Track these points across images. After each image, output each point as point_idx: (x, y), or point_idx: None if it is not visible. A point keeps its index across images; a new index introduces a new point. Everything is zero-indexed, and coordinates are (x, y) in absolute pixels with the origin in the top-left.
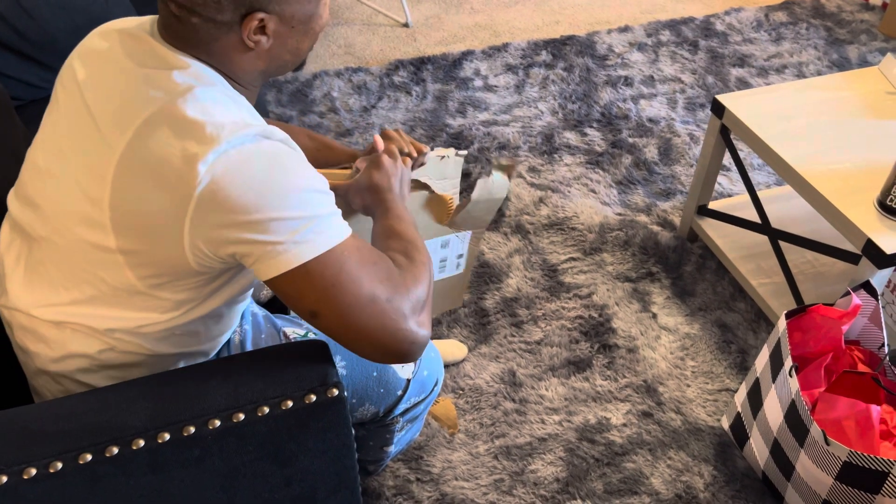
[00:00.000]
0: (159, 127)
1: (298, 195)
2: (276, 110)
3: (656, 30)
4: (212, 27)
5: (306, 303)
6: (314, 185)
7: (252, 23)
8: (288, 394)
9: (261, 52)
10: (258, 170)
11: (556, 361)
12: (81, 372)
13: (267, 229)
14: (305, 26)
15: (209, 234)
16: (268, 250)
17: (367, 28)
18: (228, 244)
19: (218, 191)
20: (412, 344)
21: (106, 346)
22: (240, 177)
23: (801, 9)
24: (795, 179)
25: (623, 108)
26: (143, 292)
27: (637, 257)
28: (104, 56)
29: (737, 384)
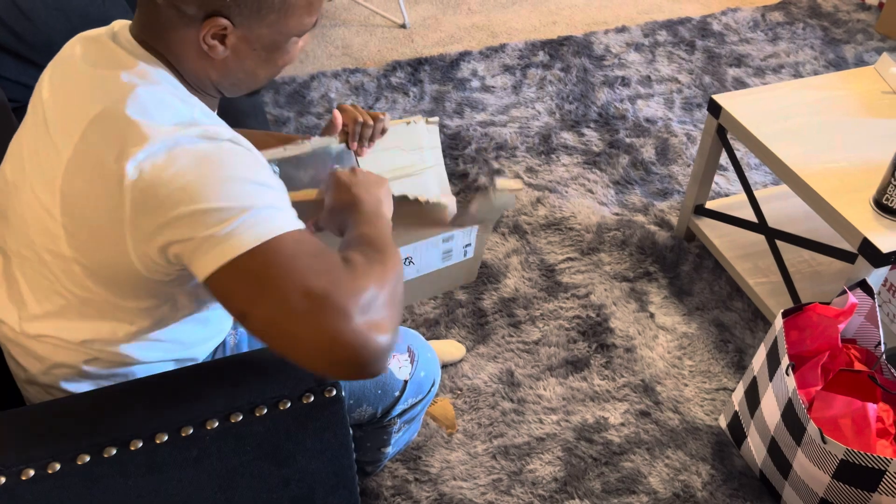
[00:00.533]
0: (100, 129)
1: (230, 185)
2: (273, 111)
3: (653, 30)
4: (174, 14)
5: (235, 302)
6: (252, 177)
7: (213, 27)
8: (286, 394)
9: (215, 60)
10: (187, 165)
11: (553, 361)
12: (70, 382)
13: (196, 223)
14: (268, 54)
15: (147, 236)
16: (198, 246)
17: (364, 29)
18: (167, 245)
19: (146, 188)
20: (361, 349)
21: (89, 357)
22: (167, 173)
23: (797, 9)
24: (792, 179)
25: (620, 108)
26: (108, 301)
27: (634, 257)
28: (65, 63)
29: (734, 383)
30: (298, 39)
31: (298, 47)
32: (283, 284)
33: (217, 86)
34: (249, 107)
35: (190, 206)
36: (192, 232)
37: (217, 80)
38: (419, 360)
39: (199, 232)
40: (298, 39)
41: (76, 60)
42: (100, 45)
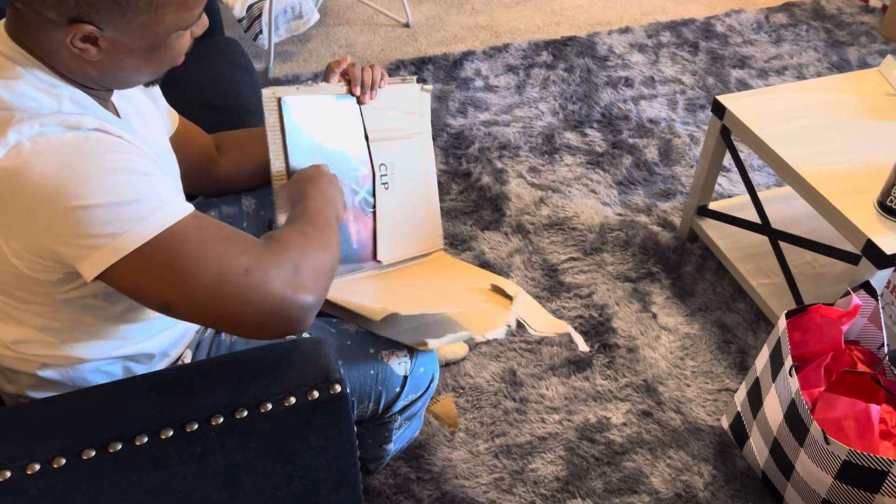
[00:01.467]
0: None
1: (105, 178)
2: None
3: (657, 31)
4: (37, 18)
5: (153, 296)
6: (127, 167)
7: (77, 32)
8: (291, 390)
9: (91, 61)
10: (53, 158)
11: (556, 361)
12: (35, 391)
13: (74, 223)
14: (148, 53)
15: (19, 236)
16: (83, 245)
17: (368, 28)
18: (45, 246)
19: (13, 186)
20: (290, 310)
21: (39, 361)
22: (33, 168)
23: (801, 11)
24: (796, 180)
25: (623, 108)
26: (8, 304)
27: (637, 257)
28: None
29: (736, 384)
30: (183, 32)
31: (186, 40)
32: (196, 272)
33: (101, 83)
34: (254, 104)
35: (61, 205)
36: (71, 233)
37: (99, 78)
38: (418, 355)
39: (79, 232)
40: (183, 32)
41: None
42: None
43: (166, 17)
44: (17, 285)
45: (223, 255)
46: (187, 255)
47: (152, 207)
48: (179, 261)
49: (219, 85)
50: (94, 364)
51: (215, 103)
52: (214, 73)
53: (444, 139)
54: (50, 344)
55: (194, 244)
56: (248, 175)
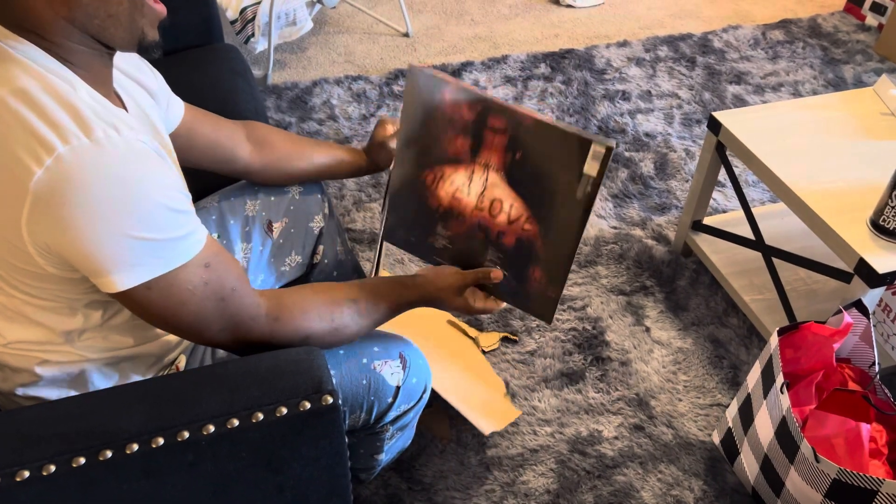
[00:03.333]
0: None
1: (153, 215)
2: (275, 116)
3: (654, 45)
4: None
5: (152, 318)
6: (173, 206)
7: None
8: (282, 400)
9: None
10: (98, 184)
11: (549, 373)
12: (28, 388)
13: (108, 245)
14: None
15: (47, 238)
16: (101, 268)
17: (367, 37)
18: (66, 255)
19: (53, 197)
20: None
21: (39, 357)
22: (77, 185)
23: (797, 28)
24: (790, 197)
25: (620, 122)
26: (29, 304)
27: (631, 271)
28: None
29: (728, 399)
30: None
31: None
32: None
33: (77, 27)
34: (251, 112)
35: (96, 231)
36: (100, 251)
37: (71, 17)
38: (411, 366)
39: (108, 252)
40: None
41: None
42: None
43: None
44: (36, 283)
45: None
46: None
47: (172, 247)
48: (168, 305)
49: (217, 91)
50: (93, 364)
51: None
52: (213, 80)
53: None
54: (55, 342)
55: (197, 299)
56: (273, 176)
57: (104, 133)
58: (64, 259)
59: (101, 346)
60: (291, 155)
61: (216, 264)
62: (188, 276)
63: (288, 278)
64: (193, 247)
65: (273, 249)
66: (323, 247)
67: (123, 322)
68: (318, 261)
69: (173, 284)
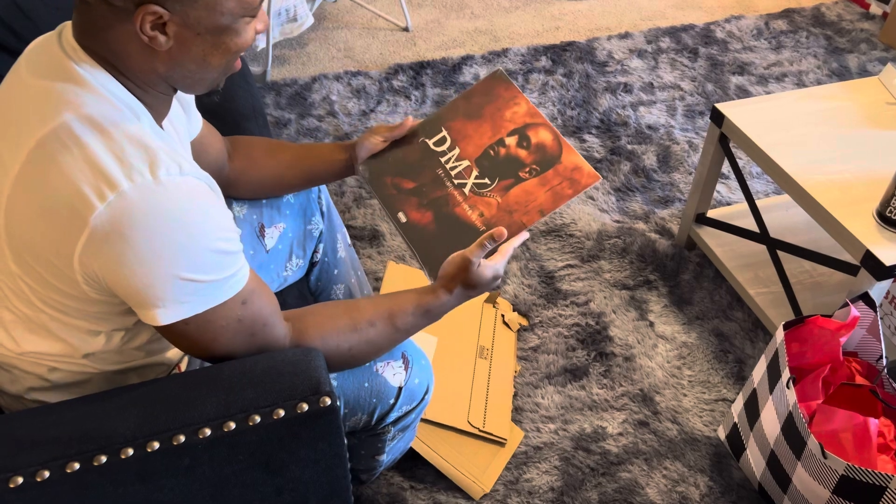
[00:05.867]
0: (51, 153)
1: (204, 258)
2: (274, 113)
3: (656, 37)
4: (107, 11)
5: (187, 348)
6: (224, 248)
7: (146, 15)
8: (280, 403)
9: (159, 52)
10: (157, 226)
11: (552, 369)
12: (37, 391)
13: (158, 283)
14: (216, 38)
15: (98, 270)
16: (146, 302)
17: (366, 32)
18: (114, 286)
19: (112, 233)
20: None
21: (51, 366)
22: (137, 224)
23: (801, 17)
24: (794, 189)
25: (622, 114)
26: (56, 320)
27: (635, 265)
28: (13, 71)
29: (733, 394)
30: (251, 20)
31: (252, 28)
32: (213, 349)
33: (167, 80)
34: (249, 109)
35: (151, 270)
36: (150, 287)
37: (166, 74)
38: (413, 366)
39: (156, 290)
40: (251, 20)
41: (20, 69)
42: (45, 50)
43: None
44: (70, 302)
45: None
46: (213, 335)
47: (217, 287)
48: (205, 336)
49: None
50: (103, 374)
51: (211, 107)
52: None
53: None
54: (71, 357)
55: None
56: (252, 184)
57: (167, 171)
58: (110, 289)
59: (114, 360)
60: (267, 163)
61: (252, 300)
62: (225, 312)
63: (290, 282)
64: (236, 285)
65: (270, 255)
66: (323, 245)
67: (140, 343)
68: (319, 259)
69: (210, 321)
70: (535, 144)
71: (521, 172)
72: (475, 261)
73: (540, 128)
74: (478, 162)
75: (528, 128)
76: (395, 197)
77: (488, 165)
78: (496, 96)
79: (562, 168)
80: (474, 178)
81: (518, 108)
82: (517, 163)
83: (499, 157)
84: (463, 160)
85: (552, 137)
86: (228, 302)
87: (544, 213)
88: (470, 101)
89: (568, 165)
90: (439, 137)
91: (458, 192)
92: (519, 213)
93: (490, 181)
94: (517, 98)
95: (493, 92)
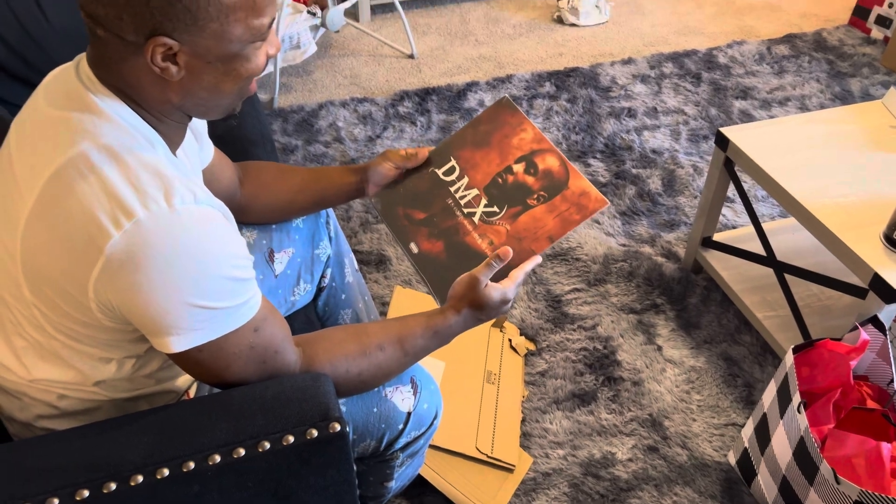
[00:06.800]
0: (68, 182)
1: (218, 285)
2: (281, 139)
3: (659, 62)
4: (119, 44)
5: (190, 373)
6: (233, 273)
7: (156, 47)
8: (289, 429)
9: (172, 82)
10: (172, 254)
11: (560, 394)
12: (45, 419)
13: (165, 312)
14: (227, 65)
15: (112, 298)
16: (160, 330)
17: (372, 59)
18: (129, 314)
19: (127, 261)
20: None
21: (61, 393)
22: (152, 253)
23: (802, 42)
24: (800, 212)
25: (626, 139)
26: (68, 347)
27: (642, 289)
28: (31, 101)
29: (743, 419)
30: (261, 44)
31: (263, 53)
32: (225, 376)
33: (181, 109)
34: (257, 136)
35: (162, 297)
36: (164, 315)
37: (180, 103)
38: (422, 391)
39: (170, 318)
40: (261, 44)
41: (38, 99)
42: (62, 81)
43: (237, 22)
44: (83, 329)
45: (248, 373)
46: (226, 362)
47: (231, 314)
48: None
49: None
50: (113, 402)
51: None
52: None
53: None
54: (82, 385)
55: (233, 356)
56: (263, 209)
57: (182, 200)
58: (124, 317)
59: (124, 388)
60: (278, 187)
61: (264, 327)
62: (238, 339)
63: (297, 306)
64: (248, 312)
65: (279, 280)
66: (331, 269)
67: (151, 371)
68: (326, 284)
69: (222, 348)
70: (542, 171)
71: (529, 199)
72: (482, 279)
73: (547, 154)
74: (486, 190)
75: (535, 154)
76: (407, 228)
77: (497, 193)
78: (503, 123)
79: (569, 193)
80: (483, 207)
81: (525, 135)
82: (525, 189)
83: (507, 184)
84: (472, 189)
85: (559, 163)
86: (241, 329)
87: (553, 240)
88: (477, 130)
89: (575, 191)
90: (448, 167)
91: (468, 222)
92: (528, 241)
93: (499, 209)
94: (524, 124)
95: (500, 119)
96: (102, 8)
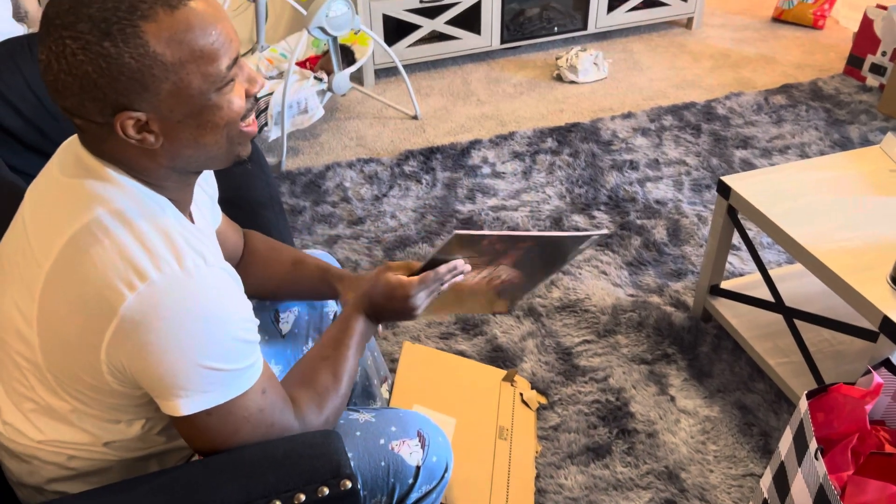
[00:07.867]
0: (84, 246)
1: (225, 346)
2: (289, 201)
3: (659, 115)
4: (96, 128)
5: (195, 445)
6: (244, 337)
7: (125, 121)
8: (300, 487)
9: (156, 150)
10: (185, 315)
11: (574, 448)
12: (57, 481)
13: (175, 373)
14: (198, 119)
15: (124, 359)
16: (169, 392)
17: (377, 121)
18: (139, 375)
19: (141, 322)
20: None
21: (71, 454)
22: (165, 314)
23: (799, 92)
24: (806, 258)
25: (630, 190)
26: (78, 411)
27: (652, 339)
28: (46, 169)
29: (761, 468)
30: (230, 88)
31: (237, 95)
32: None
33: (176, 170)
34: (266, 198)
35: (173, 358)
36: (171, 378)
37: (172, 166)
38: (430, 444)
39: (177, 379)
40: (230, 88)
41: (52, 167)
42: (73, 151)
43: (191, 76)
44: (91, 393)
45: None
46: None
47: (238, 376)
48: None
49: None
50: (123, 462)
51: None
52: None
53: (454, 225)
54: (91, 445)
55: (251, 427)
56: (263, 289)
57: (193, 263)
58: (134, 379)
59: (134, 447)
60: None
61: (270, 389)
62: (247, 402)
63: None
64: (255, 374)
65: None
66: None
67: (161, 428)
68: None
69: (231, 412)
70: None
71: None
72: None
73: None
74: None
75: (493, 280)
76: None
77: None
78: None
79: None
80: None
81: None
82: None
83: None
84: None
85: (517, 274)
86: (250, 391)
87: None
88: None
89: None
90: None
91: None
92: None
93: None
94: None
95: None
96: (67, 100)
